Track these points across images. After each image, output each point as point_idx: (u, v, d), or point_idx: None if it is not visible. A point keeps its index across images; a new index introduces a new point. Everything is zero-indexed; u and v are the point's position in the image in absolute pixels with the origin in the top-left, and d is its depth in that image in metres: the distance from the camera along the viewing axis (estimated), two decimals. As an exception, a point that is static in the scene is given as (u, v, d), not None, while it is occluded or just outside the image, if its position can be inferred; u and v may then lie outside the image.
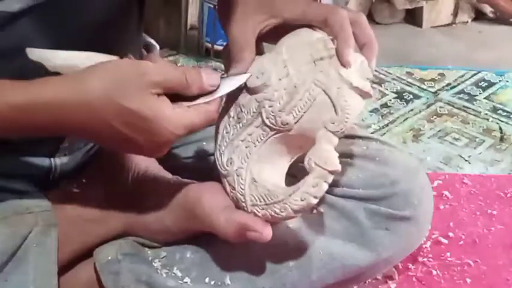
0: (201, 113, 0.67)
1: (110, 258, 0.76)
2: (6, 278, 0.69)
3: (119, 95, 0.63)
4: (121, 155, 0.81)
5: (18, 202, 0.73)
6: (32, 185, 0.78)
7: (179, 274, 0.77)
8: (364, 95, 0.70)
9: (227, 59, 0.76)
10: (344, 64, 0.69)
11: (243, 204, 0.73)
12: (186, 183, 0.79)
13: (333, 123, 0.68)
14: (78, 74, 0.65)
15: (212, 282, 0.77)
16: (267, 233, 0.70)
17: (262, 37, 0.76)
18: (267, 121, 0.72)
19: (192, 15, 1.82)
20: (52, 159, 0.79)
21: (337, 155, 0.68)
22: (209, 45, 1.74)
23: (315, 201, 0.68)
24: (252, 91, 0.73)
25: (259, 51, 0.76)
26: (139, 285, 0.76)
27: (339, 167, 0.68)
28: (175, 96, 0.67)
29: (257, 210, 0.72)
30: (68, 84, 0.64)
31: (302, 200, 0.69)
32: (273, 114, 0.71)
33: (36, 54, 0.67)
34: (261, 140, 0.73)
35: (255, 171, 0.73)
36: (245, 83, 0.73)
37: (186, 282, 0.77)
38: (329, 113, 0.69)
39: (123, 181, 0.80)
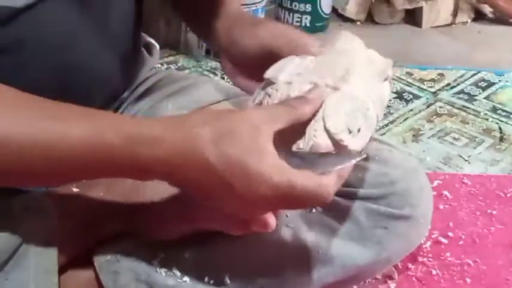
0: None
1: (109, 257, 0.76)
2: (6, 276, 0.68)
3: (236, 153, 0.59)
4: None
5: (18, 201, 0.73)
6: (32, 184, 0.78)
7: (178, 274, 0.77)
8: (333, 142, 0.65)
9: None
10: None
11: None
12: None
13: (298, 147, 0.66)
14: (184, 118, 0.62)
15: (211, 282, 0.77)
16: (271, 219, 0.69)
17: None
18: None
19: (192, 16, 1.82)
20: (52, 159, 0.79)
21: None
22: (209, 45, 1.73)
23: None
24: (264, 80, 0.73)
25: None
26: (139, 284, 0.76)
27: None
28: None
29: None
30: (174, 125, 0.61)
31: None
32: None
33: None
34: None
35: None
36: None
37: (186, 281, 0.77)
38: (299, 135, 0.67)
39: (123, 181, 0.79)
